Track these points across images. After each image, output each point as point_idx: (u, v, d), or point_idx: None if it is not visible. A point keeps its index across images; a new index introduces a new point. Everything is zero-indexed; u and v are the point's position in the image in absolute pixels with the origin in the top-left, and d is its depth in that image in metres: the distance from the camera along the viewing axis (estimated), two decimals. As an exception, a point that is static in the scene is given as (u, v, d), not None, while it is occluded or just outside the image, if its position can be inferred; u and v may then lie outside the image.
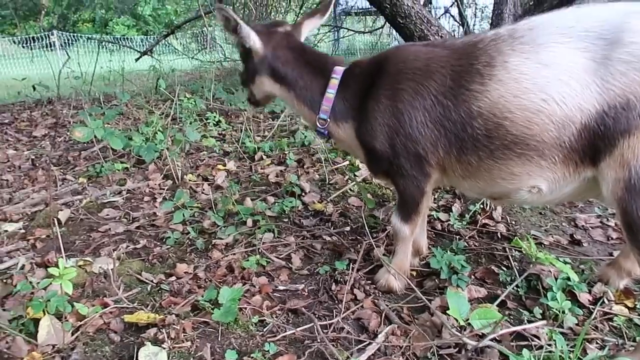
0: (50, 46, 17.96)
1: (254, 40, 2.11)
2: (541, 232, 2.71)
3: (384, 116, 1.91)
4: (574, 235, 2.64)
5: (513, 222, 2.80)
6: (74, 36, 18.81)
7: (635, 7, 1.62)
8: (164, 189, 3.54)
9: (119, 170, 3.88)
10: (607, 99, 1.53)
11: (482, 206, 2.86)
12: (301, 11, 10.19)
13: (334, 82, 2.06)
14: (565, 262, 2.21)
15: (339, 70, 2.08)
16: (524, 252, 2.27)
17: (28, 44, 18.26)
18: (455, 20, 9.81)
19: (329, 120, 2.09)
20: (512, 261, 2.37)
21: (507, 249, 2.49)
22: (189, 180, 3.62)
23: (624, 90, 1.51)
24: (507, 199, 1.93)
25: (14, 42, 19.19)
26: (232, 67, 9.41)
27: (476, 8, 10.47)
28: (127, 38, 18.46)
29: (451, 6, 9.75)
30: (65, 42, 18.47)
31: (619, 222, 1.67)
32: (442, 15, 10.12)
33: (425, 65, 1.86)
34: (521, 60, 1.66)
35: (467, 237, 2.63)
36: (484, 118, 1.71)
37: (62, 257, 2.13)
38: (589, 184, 1.70)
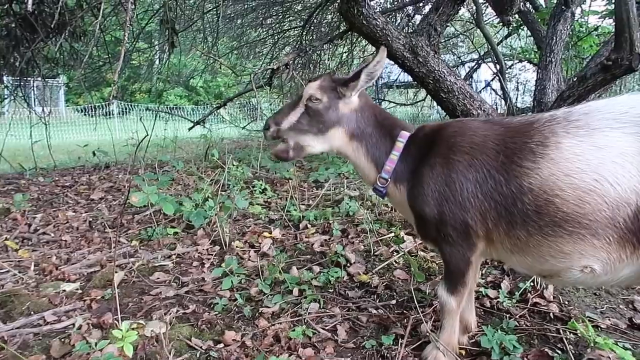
0: (110, 114, 19.35)
1: (353, 94, 2.21)
2: (597, 314, 2.60)
3: (436, 182, 1.98)
4: (633, 319, 2.52)
5: (566, 302, 2.71)
6: (130, 105, 20.27)
7: None
8: (212, 255, 3.65)
9: (169, 235, 4.03)
10: None
11: (532, 284, 2.80)
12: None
13: (399, 146, 2.18)
14: (625, 348, 2.11)
15: (405, 135, 2.19)
16: (579, 335, 2.19)
17: (89, 112, 19.74)
18: (497, 94, 10.00)
19: (389, 180, 2.17)
20: (567, 344, 2.28)
21: (561, 331, 2.40)
22: (236, 247, 3.72)
23: None
24: (557, 277, 1.90)
25: (77, 110, 20.85)
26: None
27: (518, 82, 10.66)
28: (179, 107, 19.73)
29: (492, 80, 9.98)
30: (122, 111, 19.90)
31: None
32: (483, 89, 10.33)
33: (482, 141, 1.95)
34: (575, 142, 1.71)
35: (517, 316, 2.56)
36: (534, 194, 1.75)
37: (118, 319, 2.22)
38: None
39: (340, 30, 7.08)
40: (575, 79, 4.71)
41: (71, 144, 10.26)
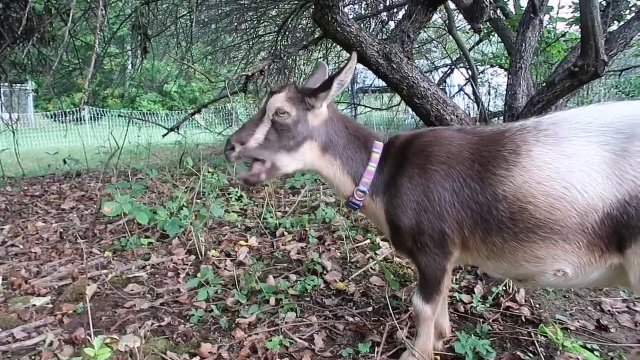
0: (81, 120, 18.94)
1: (323, 104, 2.12)
2: (566, 316, 2.68)
3: (414, 193, 2.00)
4: (601, 321, 2.60)
5: (537, 306, 2.78)
6: (102, 111, 19.88)
7: None
8: (187, 264, 3.61)
9: (144, 244, 3.97)
10: (628, 189, 1.60)
11: (504, 288, 2.86)
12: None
13: (376, 157, 2.14)
14: (593, 350, 2.18)
15: (379, 145, 2.17)
16: (550, 338, 2.24)
17: (59, 118, 19.28)
18: (470, 99, 10.18)
19: (367, 192, 2.14)
20: (538, 347, 2.33)
21: (532, 334, 2.45)
22: (212, 256, 3.69)
23: None
24: (532, 281, 1.96)
25: (47, 116, 20.34)
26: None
27: (490, 86, 10.87)
28: (153, 113, 19.45)
29: (465, 85, 10.16)
30: (94, 117, 19.49)
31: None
32: (456, 93, 10.51)
33: (458, 150, 1.98)
34: (544, 151, 1.78)
35: (490, 320, 2.61)
36: (509, 201, 1.80)
37: (91, 334, 2.18)
38: (617, 271, 1.74)
39: (315, 36, 7.12)
40: (544, 85, 4.86)
41: (40, 152, 10.01)
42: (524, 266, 1.87)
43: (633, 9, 6.03)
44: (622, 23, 5.64)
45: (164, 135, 6.85)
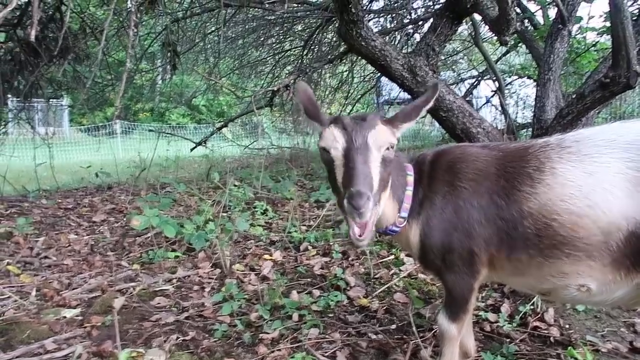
0: (113, 134, 19.53)
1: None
2: (597, 337, 2.59)
3: (446, 211, 1.99)
4: (634, 343, 2.51)
5: (567, 326, 2.70)
6: (134, 124, 20.47)
7: None
8: (212, 278, 3.65)
9: (170, 258, 4.04)
10: None
11: (532, 307, 2.79)
12: (346, 102, 10.76)
13: (411, 180, 2.08)
14: (627, 374, 2.09)
15: (410, 168, 2.12)
16: (580, 360, 2.18)
17: (92, 132, 19.92)
18: (497, 110, 10.04)
19: (406, 218, 2.05)
20: (568, 369, 2.26)
21: (562, 356, 2.38)
22: (237, 270, 3.72)
23: None
24: (555, 295, 1.93)
25: (81, 130, 21.06)
26: (279, 155, 9.87)
27: (518, 98, 10.72)
28: (182, 126, 19.91)
29: (492, 96, 10.04)
30: (125, 130, 20.07)
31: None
32: (483, 105, 10.40)
33: (484, 166, 1.98)
34: (568, 168, 1.77)
35: (517, 341, 2.55)
36: (534, 218, 1.79)
37: (118, 347, 2.22)
38: None
39: (340, 51, 7.18)
40: (573, 97, 4.76)
41: (75, 165, 10.32)
42: (550, 280, 1.85)
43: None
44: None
45: (192, 149, 7.00)
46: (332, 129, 1.82)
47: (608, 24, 5.72)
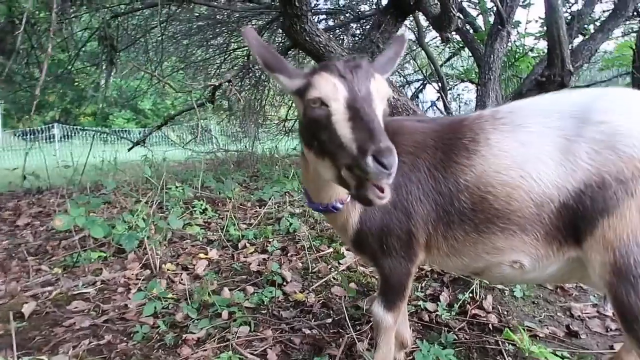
0: (51, 138, 18.47)
1: None
2: (535, 322, 2.54)
3: None
4: (571, 327, 2.47)
5: (505, 313, 2.64)
6: (74, 129, 19.43)
7: (603, 90, 1.66)
8: (140, 279, 3.38)
9: (95, 259, 3.73)
10: (583, 177, 1.52)
11: (471, 295, 2.71)
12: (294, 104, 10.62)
13: None
14: (563, 357, 2.04)
15: None
16: (517, 345, 2.10)
17: (28, 137, 18.76)
18: (442, 113, 10.21)
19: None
20: (505, 356, 2.19)
21: (500, 342, 2.31)
22: (167, 269, 3.47)
23: (599, 169, 1.50)
24: (488, 273, 1.84)
25: (15, 135, 19.78)
26: (226, 158, 9.59)
27: (460, 101, 10.96)
28: (126, 131, 19.10)
29: (437, 100, 10.21)
30: (66, 135, 19.03)
31: (613, 310, 1.55)
32: (428, 108, 10.54)
33: (422, 139, 1.86)
34: (501, 139, 1.69)
35: (456, 329, 2.46)
36: (470, 191, 1.70)
37: (14, 357, 1.95)
38: (575, 265, 1.65)
39: (285, 46, 7.03)
40: (512, 96, 4.83)
41: (2, 170, 9.62)
42: (484, 258, 1.76)
43: (597, 23, 6.14)
44: (586, 37, 5.73)
45: (129, 149, 6.63)
46: (328, 76, 1.51)
47: (545, 28, 5.89)
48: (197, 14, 8.59)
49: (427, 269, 3.15)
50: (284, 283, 3.05)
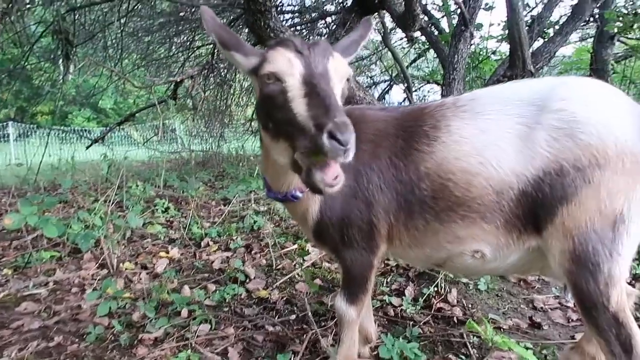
0: (6, 138, 17.63)
1: None
2: (499, 315, 2.55)
3: (346, 177, 1.77)
4: (533, 318, 2.49)
5: (469, 306, 2.64)
6: (31, 128, 18.59)
7: (561, 79, 1.67)
8: (96, 279, 3.23)
9: (48, 259, 3.54)
10: (542, 165, 1.52)
11: (436, 289, 2.71)
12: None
13: None
14: (526, 348, 2.04)
15: None
16: (482, 337, 2.09)
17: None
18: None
19: None
20: (470, 348, 2.18)
21: (464, 335, 2.30)
22: (126, 269, 3.33)
23: (557, 156, 1.50)
24: (450, 263, 1.82)
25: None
26: (191, 158, 9.38)
27: (426, 102, 11.12)
28: (86, 130, 18.41)
29: (403, 101, 10.31)
30: (21, 134, 18.20)
31: (573, 298, 1.55)
32: (395, 109, 10.63)
33: (383, 127, 1.82)
34: (462, 126, 1.67)
35: (421, 323, 2.43)
36: (431, 179, 1.68)
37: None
38: (535, 254, 1.64)
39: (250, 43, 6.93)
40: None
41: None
42: (446, 247, 1.74)
43: (556, 27, 6.33)
44: (546, 39, 5.90)
45: (87, 147, 6.38)
46: (283, 51, 1.44)
47: (507, 31, 6.03)
48: (159, 10, 8.39)
49: (393, 263, 3.14)
50: (247, 280, 2.97)
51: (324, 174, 1.35)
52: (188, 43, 9.04)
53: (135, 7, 7.51)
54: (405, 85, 7.34)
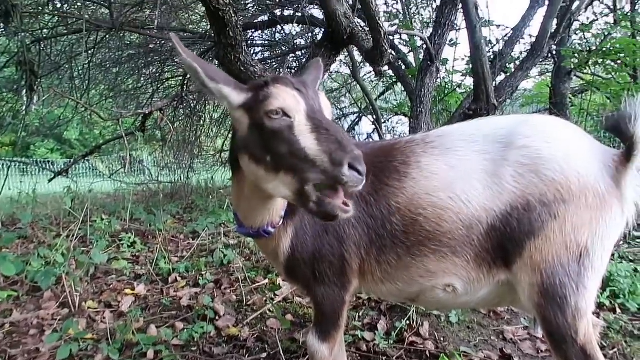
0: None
1: None
2: (470, 347, 2.56)
3: None
4: (504, 350, 2.51)
5: (441, 339, 2.64)
6: (-11, 160, 17.93)
7: (524, 117, 1.75)
8: (56, 319, 3.08)
9: (5, 299, 3.37)
10: (510, 200, 1.56)
11: (408, 322, 2.70)
12: (230, 135, 10.48)
13: None
14: (498, 381, 2.04)
15: None
16: (454, 371, 2.09)
17: None
18: (377, 145, 10.48)
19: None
20: (443, 383, 2.16)
21: (437, 369, 2.29)
22: (88, 307, 3.19)
23: (524, 191, 1.55)
24: (423, 297, 1.83)
25: None
26: (159, 190, 9.20)
27: (395, 133, 11.32)
28: (49, 162, 17.88)
29: (373, 132, 10.50)
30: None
31: (542, 331, 1.57)
32: (365, 140, 10.81)
33: None
34: (431, 161, 1.71)
35: (394, 358, 2.41)
36: (402, 214, 1.70)
37: None
38: (505, 288, 1.68)
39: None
40: (443, 128, 5.01)
41: None
42: (418, 282, 1.75)
43: (517, 62, 6.64)
44: (508, 74, 6.17)
45: (50, 180, 6.20)
46: (285, 88, 1.49)
47: (470, 66, 6.28)
48: (128, 42, 8.37)
49: (365, 297, 3.12)
50: (217, 317, 2.89)
51: (336, 201, 1.40)
52: (157, 74, 9.01)
53: (104, 39, 7.46)
54: (374, 117, 7.48)
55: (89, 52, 7.26)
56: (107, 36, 7.33)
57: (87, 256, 3.71)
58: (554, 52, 6.89)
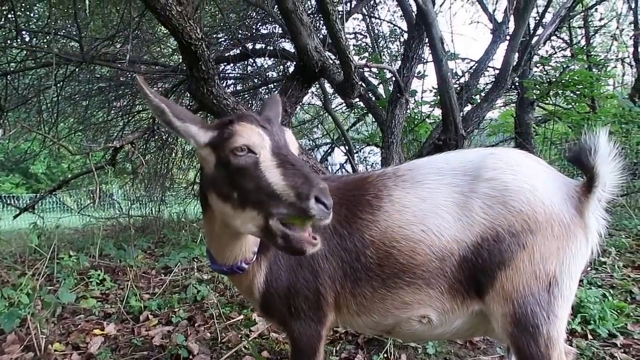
0: None
1: None
2: (448, 379, 2.56)
3: None
4: (482, 380, 2.52)
5: (419, 371, 2.63)
6: (-50, 195, 17.27)
7: (490, 150, 1.82)
8: (20, 365, 2.94)
9: (-36, 345, 3.20)
10: (480, 231, 1.60)
11: (386, 355, 2.68)
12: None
13: None
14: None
15: None
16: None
17: None
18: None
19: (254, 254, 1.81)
20: (422, 416, 2.15)
21: (415, 403, 2.27)
22: (55, 350, 3.06)
23: (493, 222, 1.60)
24: (399, 329, 1.84)
25: None
26: (129, 224, 9.01)
27: (367, 163, 11.48)
28: (14, 196, 17.31)
29: (345, 162, 10.61)
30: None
31: (516, 360, 1.60)
32: (337, 170, 10.91)
33: None
34: (403, 195, 1.75)
35: (372, 393, 2.39)
36: (376, 247, 1.72)
37: None
38: (479, 318, 1.71)
39: (192, 109, 6.96)
40: (414, 158, 5.14)
41: None
42: (394, 314, 1.77)
43: (482, 94, 6.90)
44: (474, 105, 6.40)
45: (15, 217, 6.00)
46: (250, 125, 1.51)
47: (438, 97, 6.48)
48: (99, 75, 8.31)
49: (342, 331, 3.09)
50: (190, 356, 2.81)
51: (303, 236, 1.42)
52: (128, 107, 8.94)
53: (74, 72, 7.39)
54: (347, 147, 7.58)
55: (58, 85, 7.17)
56: (77, 69, 7.27)
57: (53, 295, 3.58)
58: (517, 84, 7.19)
